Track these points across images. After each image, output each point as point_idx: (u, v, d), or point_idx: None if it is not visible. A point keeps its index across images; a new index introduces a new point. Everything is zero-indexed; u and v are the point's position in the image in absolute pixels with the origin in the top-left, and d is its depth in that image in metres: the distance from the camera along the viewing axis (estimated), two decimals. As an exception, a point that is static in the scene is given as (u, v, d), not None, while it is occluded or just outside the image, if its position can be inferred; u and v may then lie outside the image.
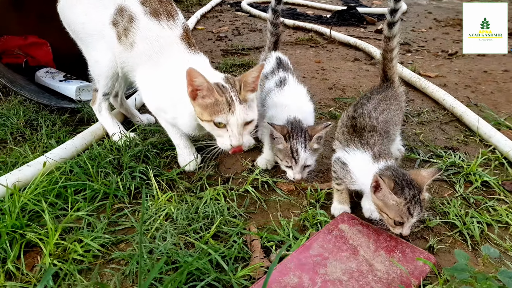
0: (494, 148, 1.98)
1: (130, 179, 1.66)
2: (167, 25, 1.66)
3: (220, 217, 1.46)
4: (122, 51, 1.73)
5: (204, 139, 2.01)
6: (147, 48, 1.66)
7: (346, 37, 3.86)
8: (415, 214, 1.27)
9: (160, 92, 1.68)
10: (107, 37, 1.74)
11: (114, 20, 1.69)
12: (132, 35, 1.67)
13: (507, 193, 1.69)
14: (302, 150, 1.57)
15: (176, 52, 1.67)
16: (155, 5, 1.67)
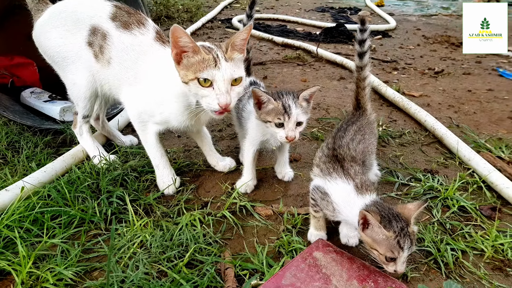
0: (473, 171, 2.00)
1: (107, 205, 1.65)
2: (139, 32, 1.70)
3: (194, 244, 1.46)
4: (100, 69, 1.77)
5: (184, 162, 2.03)
6: (124, 59, 1.69)
7: (332, 55, 3.90)
8: (406, 248, 1.24)
9: (144, 95, 1.68)
10: (83, 58, 1.77)
11: (89, 40, 1.73)
12: (107, 52, 1.70)
13: (484, 218, 1.69)
14: (293, 105, 1.59)
15: (153, 52, 1.69)
16: (124, 18, 1.71)
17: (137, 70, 1.69)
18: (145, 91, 1.68)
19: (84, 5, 1.75)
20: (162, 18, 5.37)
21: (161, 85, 1.64)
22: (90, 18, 1.72)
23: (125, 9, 1.74)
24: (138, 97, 1.70)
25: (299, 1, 7.95)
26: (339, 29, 5.07)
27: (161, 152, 1.80)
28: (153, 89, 1.67)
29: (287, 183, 1.94)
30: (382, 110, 2.78)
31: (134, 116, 1.75)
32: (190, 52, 1.42)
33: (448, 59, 4.28)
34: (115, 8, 1.73)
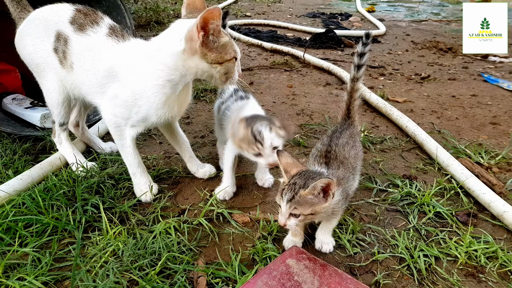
0: (452, 177, 2.00)
1: (82, 213, 1.64)
2: (92, 31, 1.68)
3: (167, 253, 1.45)
4: (66, 74, 1.76)
5: (164, 169, 2.02)
6: (83, 61, 1.67)
7: (320, 61, 3.91)
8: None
9: (115, 96, 1.63)
10: (51, 65, 1.77)
11: (55, 46, 1.73)
12: (69, 57, 1.70)
13: (459, 224, 1.70)
14: (266, 131, 1.54)
15: (108, 48, 1.65)
16: (80, 20, 1.70)
17: (98, 72, 1.65)
18: (114, 92, 1.63)
19: (53, 11, 1.76)
20: (152, 23, 5.37)
21: (133, 81, 1.58)
22: (55, 24, 1.72)
23: (83, 11, 1.73)
24: (110, 100, 1.65)
25: (290, 6, 7.99)
26: (328, 34, 5.09)
27: (138, 160, 1.79)
28: (123, 88, 1.60)
29: (266, 190, 1.94)
30: (365, 115, 2.79)
31: (110, 121, 1.70)
32: (217, 35, 1.45)
33: (436, 65, 4.31)
34: (75, 11, 1.73)
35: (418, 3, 9.06)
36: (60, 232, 1.57)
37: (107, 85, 1.65)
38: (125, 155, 1.78)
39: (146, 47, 1.60)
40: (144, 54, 1.57)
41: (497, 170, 2.10)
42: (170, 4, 7.31)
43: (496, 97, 3.24)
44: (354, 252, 1.54)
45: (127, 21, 2.65)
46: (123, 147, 1.75)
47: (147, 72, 1.55)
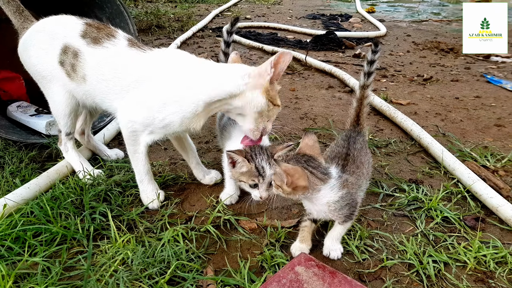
0: (458, 180, 2.00)
1: (90, 221, 1.65)
2: (111, 44, 1.69)
3: (176, 261, 1.45)
4: (76, 86, 1.77)
5: (170, 175, 2.03)
6: (102, 72, 1.68)
7: (321, 63, 3.92)
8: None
9: (143, 103, 1.65)
10: (58, 77, 1.78)
11: (61, 60, 1.74)
12: (80, 69, 1.71)
13: (467, 228, 1.70)
14: (267, 167, 1.61)
15: (134, 58, 1.68)
16: (94, 34, 1.71)
17: (124, 80, 1.67)
18: (142, 99, 1.65)
19: (59, 24, 1.76)
20: (153, 27, 5.38)
21: (170, 90, 1.62)
22: (63, 37, 1.72)
23: (95, 25, 1.74)
24: (135, 106, 1.66)
25: (290, 8, 8.01)
26: (329, 36, 5.10)
27: (148, 167, 1.80)
28: (154, 95, 1.63)
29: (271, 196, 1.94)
30: (369, 119, 2.79)
31: (127, 126, 1.70)
32: (279, 78, 1.61)
33: (438, 66, 4.31)
34: (86, 25, 1.73)
35: (418, 3, 9.07)
36: (69, 241, 1.57)
37: (131, 90, 1.66)
38: (135, 162, 1.78)
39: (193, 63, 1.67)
40: (195, 70, 1.64)
41: (503, 173, 2.10)
42: (171, 7, 7.34)
43: (499, 98, 3.24)
44: (362, 259, 1.54)
45: (130, 28, 2.66)
46: (135, 152, 1.75)
47: (192, 87, 1.60)
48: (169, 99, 1.62)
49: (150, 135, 1.71)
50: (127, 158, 2.15)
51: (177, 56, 1.72)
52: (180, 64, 1.67)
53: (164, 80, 1.64)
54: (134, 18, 5.80)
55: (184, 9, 7.22)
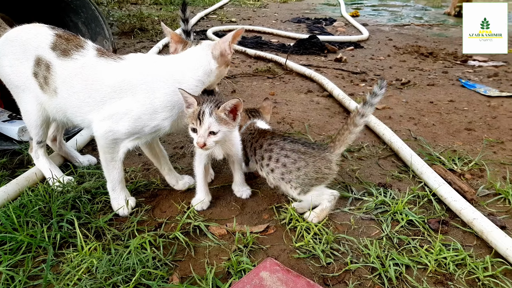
0: (425, 184, 2.05)
1: (57, 229, 1.65)
2: (79, 55, 1.70)
3: (142, 268, 1.46)
4: (48, 99, 1.77)
5: (142, 181, 2.03)
6: (72, 84, 1.68)
7: (302, 68, 3.95)
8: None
9: (130, 113, 1.65)
10: (31, 88, 1.77)
11: (35, 71, 1.73)
12: (52, 82, 1.71)
13: (431, 231, 1.74)
14: (207, 113, 1.63)
15: (106, 67, 1.69)
16: (63, 45, 1.71)
17: (96, 93, 1.67)
18: (123, 108, 1.65)
19: (31, 34, 1.75)
20: (136, 30, 5.37)
21: (159, 97, 1.66)
22: (35, 49, 1.72)
23: (65, 37, 1.74)
24: (119, 117, 1.65)
25: (276, 11, 8.05)
26: (312, 40, 5.15)
27: (122, 175, 1.81)
28: (141, 106, 1.65)
29: (244, 201, 1.96)
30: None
31: (106, 136, 1.68)
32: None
33: (416, 70, 4.38)
34: (56, 37, 1.73)
35: (402, 7, 9.19)
36: (34, 249, 1.57)
37: (109, 101, 1.66)
38: (110, 169, 1.77)
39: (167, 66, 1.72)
40: (170, 73, 1.69)
41: (469, 177, 2.15)
42: (155, 10, 7.33)
43: (472, 102, 3.31)
44: (327, 263, 1.56)
45: (106, 32, 2.66)
46: (112, 160, 1.74)
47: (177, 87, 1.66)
48: (159, 107, 1.66)
49: (134, 141, 1.72)
50: (99, 164, 2.15)
51: (150, 61, 1.73)
52: (157, 69, 1.69)
53: (148, 89, 1.65)
54: (117, 21, 5.80)
55: (169, 12, 7.21)
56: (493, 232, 1.65)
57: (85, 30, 2.71)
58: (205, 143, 1.64)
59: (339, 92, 3.21)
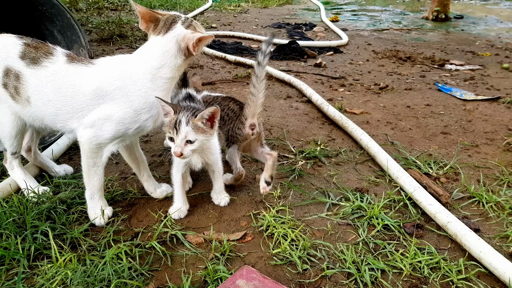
0: (401, 188, 2.08)
1: (32, 241, 1.62)
2: (49, 62, 1.68)
3: (117, 279, 1.45)
4: (21, 109, 1.74)
5: (119, 190, 2.02)
6: (45, 92, 1.66)
7: (281, 73, 3.98)
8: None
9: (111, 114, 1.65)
10: (3, 99, 1.75)
11: (4, 82, 1.71)
12: (24, 92, 1.69)
13: (407, 235, 1.77)
14: (184, 122, 1.64)
15: (79, 73, 1.67)
16: (32, 54, 1.69)
17: (72, 100, 1.65)
18: (105, 113, 1.64)
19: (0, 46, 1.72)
20: (115, 37, 5.32)
21: (136, 99, 1.65)
22: (3, 60, 1.69)
23: (33, 45, 1.72)
24: (102, 122, 1.65)
25: (256, 17, 8.09)
26: (292, 46, 5.19)
27: (102, 182, 1.79)
28: (120, 107, 1.65)
29: (222, 208, 1.96)
30: (323, 129, 2.86)
31: (90, 142, 1.67)
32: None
33: (394, 74, 4.46)
34: (24, 46, 1.71)
35: (381, 12, 9.35)
36: (8, 262, 1.54)
37: (87, 108, 1.65)
38: (92, 175, 1.74)
39: (137, 66, 1.68)
40: (142, 73, 1.67)
41: (445, 180, 2.19)
42: (135, 16, 7.27)
43: (448, 106, 3.38)
44: (304, 269, 1.57)
45: (82, 40, 2.64)
46: (94, 165, 1.72)
47: (152, 87, 1.67)
48: (138, 109, 1.66)
49: (118, 143, 1.73)
50: (75, 174, 2.14)
51: (119, 63, 1.71)
52: (127, 71, 1.67)
53: (122, 93, 1.64)
54: (95, 28, 5.74)
55: (149, 18, 7.17)
56: (466, 236, 1.68)
57: (61, 38, 2.68)
58: (182, 153, 1.65)
59: (317, 97, 3.24)
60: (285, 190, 2.10)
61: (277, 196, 2.04)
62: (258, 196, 2.05)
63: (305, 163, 2.35)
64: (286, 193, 2.08)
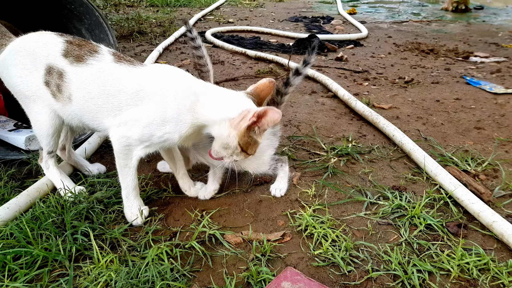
0: (440, 186, 2.03)
1: (72, 241, 1.61)
2: (95, 60, 1.66)
3: (161, 281, 1.43)
4: (61, 107, 1.73)
5: (154, 189, 2.01)
6: (88, 90, 1.65)
7: (305, 68, 3.92)
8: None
9: (139, 119, 1.63)
10: (43, 97, 1.73)
11: (46, 80, 1.70)
12: (66, 89, 1.67)
13: (450, 235, 1.72)
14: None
15: (126, 73, 1.66)
16: (76, 52, 1.67)
17: (113, 98, 1.65)
18: (140, 116, 1.63)
19: (40, 43, 1.70)
20: (134, 34, 5.32)
21: (168, 110, 1.62)
22: (45, 58, 1.68)
23: (76, 43, 1.70)
24: (131, 123, 1.64)
25: (272, 11, 8.02)
26: (311, 40, 5.12)
27: (136, 182, 1.78)
28: (152, 114, 1.62)
29: (258, 207, 1.94)
30: (352, 125, 2.81)
31: (120, 141, 1.67)
32: (259, 132, 1.62)
33: (418, 67, 4.36)
34: (67, 43, 1.69)
35: (398, 3, 9.18)
36: (50, 263, 1.54)
37: (125, 107, 1.64)
38: (124, 176, 1.75)
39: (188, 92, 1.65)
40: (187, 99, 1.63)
41: (484, 177, 2.13)
42: (152, 12, 7.27)
43: (479, 100, 3.30)
44: (348, 271, 1.54)
45: (110, 39, 2.63)
46: (125, 166, 1.72)
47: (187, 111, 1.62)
48: (167, 119, 1.62)
49: (145, 149, 1.70)
50: (109, 173, 2.13)
51: (175, 74, 1.70)
52: (179, 84, 1.65)
53: (164, 99, 1.62)
54: (115, 25, 5.74)
55: (166, 14, 7.16)
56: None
57: (88, 37, 2.67)
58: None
59: (344, 92, 3.19)
60: (320, 188, 2.06)
61: (312, 195, 2.01)
62: (293, 194, 2.02)
63: (338, 161, 2.31)
64: (321, 191, 2.04)
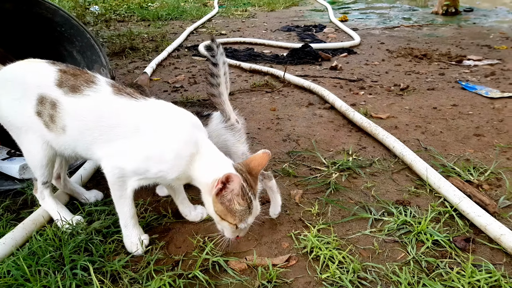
0: (445, 199, 2.00)
1: (72, 277, 1.56)
2: (92, 91, 1.62)
3: (165, 315, 1.39)
4: (55, 137, 1.69)
5: (153, 216, 1.96)
6: (85, 122, 1.61)
7: (300, 80, 3.90)
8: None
9: (137, 153, 1.59)
10: (35, 128, 1.69)
11: (38, 110, 1.65)
12: (60, 120, 1.63)
13: (458, 251, 1.69)
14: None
15: (124, 107, 1.62)
16: (71, 82, 1.63)
17: (111, 130, 1.61)
18: (137, 150, 1.59)
19: (30, 72, 1.66)
20: (127, 50, 5.29)
21: (166, 152, 1.59)
22: (37, 87, 1.63)
23: (71, 72, 1.66)
24: (127, 155, 1.60)
25: (264, 21, 8.02)
26: (305, 49, 5.12)
27: (133, 211, 1.74)
28: (152, 151, 1.59)
29: (261, 229, 1.90)
30: (351, 136, 2.78)
31: (113, 173, 1.63)
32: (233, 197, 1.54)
33: (413, 73, 4.36)
34: (60, 73, 1.65)
35: (389, 8, 9.23)
36: (49, 301, 1.49)
37: (122, 140, 1.60)
38: (121, 206, 1.70)
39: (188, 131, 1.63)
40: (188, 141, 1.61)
41: (487, 187, 2.10)
42: (144, 27, 7.26)
43: (476, 105, 3.29)
44: (357, 294, 1.50)
45: (103, 60, 2.59)
46: (120, 197, 1.68)
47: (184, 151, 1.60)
48: (165, 160, 1.59)
49: (139, 181, 1.66)
50: (106, 199, 2.08)
51: (179, 116, 1.67)
52: (183, 129, 1.63)
53: (165, 139, 1.59)
54: (106, 42, 5.72)
55: (158, 28, 7.14)
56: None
57: (80, 59, 2.64)
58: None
59: (341, 103, 3.16)
60: (323, 206, 2.03)
61: (315, 213, 1.97)
62: (296, 214, 1.98)
63: (339, 176, 2.28)
64: (324, 209, 2.01)
